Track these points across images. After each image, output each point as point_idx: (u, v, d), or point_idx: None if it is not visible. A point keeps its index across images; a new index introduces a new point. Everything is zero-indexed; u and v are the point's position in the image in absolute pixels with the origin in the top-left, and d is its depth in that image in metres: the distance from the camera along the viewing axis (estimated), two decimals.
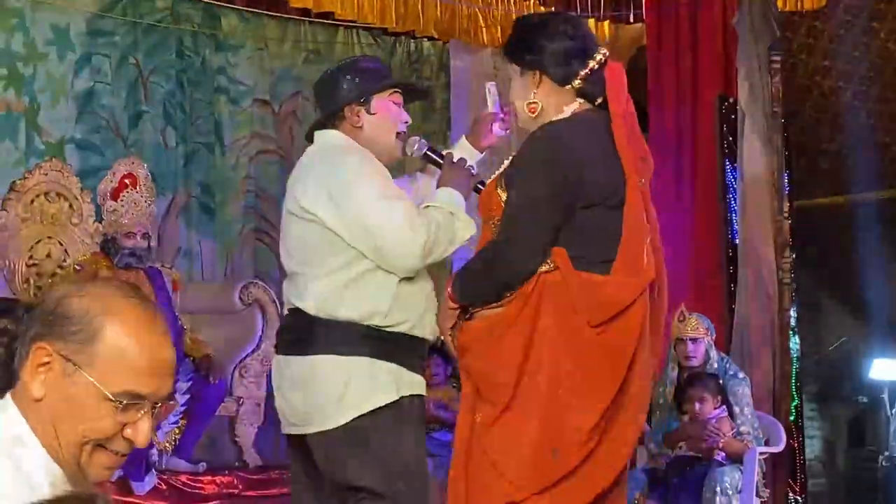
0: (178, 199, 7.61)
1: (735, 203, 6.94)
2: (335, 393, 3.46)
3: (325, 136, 3.72)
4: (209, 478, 6.12)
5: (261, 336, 6.73)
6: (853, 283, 9.04)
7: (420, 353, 3.63)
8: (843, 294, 9.67)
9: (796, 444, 6.74)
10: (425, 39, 8.44)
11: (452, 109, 8.09)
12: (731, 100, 7.00)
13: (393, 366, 3.50)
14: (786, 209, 6.70)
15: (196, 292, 6.83)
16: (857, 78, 8.16)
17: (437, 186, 3.64)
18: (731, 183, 7.02)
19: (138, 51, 7.53)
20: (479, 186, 3.59)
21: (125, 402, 1.94)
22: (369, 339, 3.48)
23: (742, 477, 5.53)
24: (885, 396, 9.56)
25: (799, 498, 6.69)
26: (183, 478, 5.97)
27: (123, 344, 1.95)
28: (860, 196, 8.95)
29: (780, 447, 5.99)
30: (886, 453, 9.20)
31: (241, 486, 6.21)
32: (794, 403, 6.73)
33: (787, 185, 6.82)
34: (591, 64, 3.34)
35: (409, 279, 3.51)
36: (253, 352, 6.70)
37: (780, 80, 6.73)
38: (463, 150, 3.88)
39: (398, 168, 4.71)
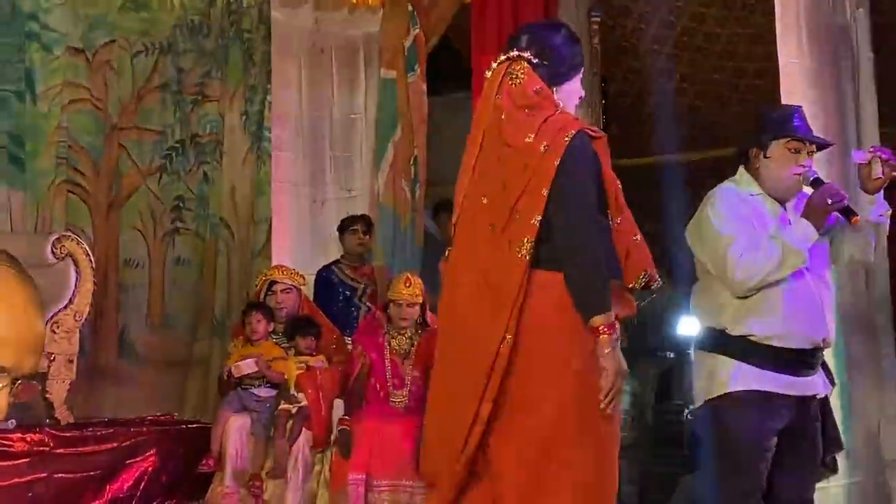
0: None
1: None
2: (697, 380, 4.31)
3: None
4: (19, 435, 5.92)
5: (74, 290, 6.55)
6: (661, 242, 9.28)
7: (766, 357, 4.14)
8: (650, 253, 9.91)
9: None
10: None
11: (273, 63, 7.97)
12: None
13: (734, 361, 4.13)
14: None
15: (5, 244, 6.59)
16: (671, 42, 8.35)
17: (802, 212, 4.15)
18: None
19: None
20: (851, 211, 4.14)
21: None
22: (718, 341, 4.19)
23: None
24: (692, 352, 9.88)
25: None
26: None
27: None
28: (669, 157, 9.18)
29: None
30: (692, 407, 9.52)
31: (52, 444, 6.04)
32: None
33: None
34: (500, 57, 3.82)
35: (759, 298, 4.10)
36: (66, 306, 6.51)
37: (599, 42, 6.84)
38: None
39: None
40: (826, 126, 5.26)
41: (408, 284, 6.29)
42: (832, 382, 4.38)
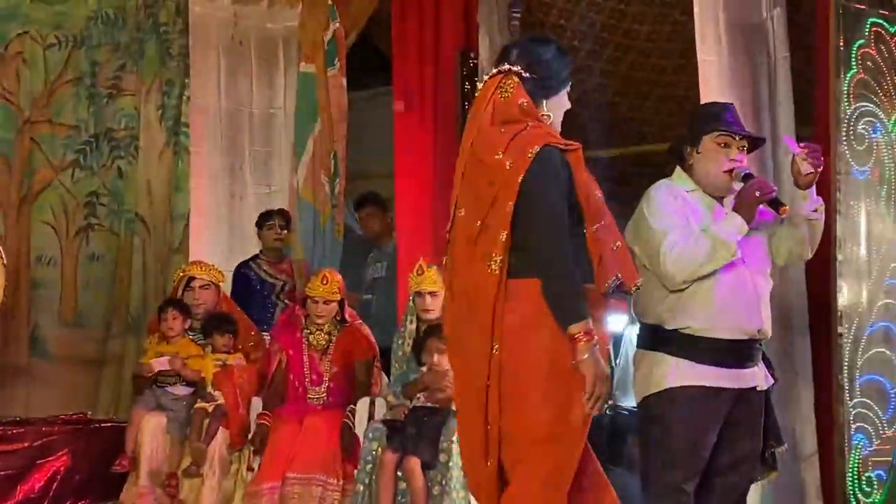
0: None
1: None
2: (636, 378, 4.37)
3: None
4: None
5: None
6: None
7: (701, 350, 4.19)
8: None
9: None
10: None
11: (191, 56, 7.85)
12: (472, 56, 7.06)
13: (671, 359, 4.19)
14: None
15: None
16: (591, 38, 8.37)
17: (733, 206, 4.23)
18: None
19: None
20: (779, 202, 4.20)
21: None
22: (656, 337, 4.27)
23: None
24: (610, 348, 9.93)
25: None
26: None
27: None
28: (590, 153, 9.19)
29: None
30: (611, 402, 9.58)
31: None
32: None
33: None
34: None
35: (693, 291, 4.17)
36: None
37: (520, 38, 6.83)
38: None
39: None
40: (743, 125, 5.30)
41: (324, 282, 6.26)
42: (774, 377, 4.43)
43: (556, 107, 3.87)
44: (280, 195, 7.86)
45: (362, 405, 6.18)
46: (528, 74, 3.78)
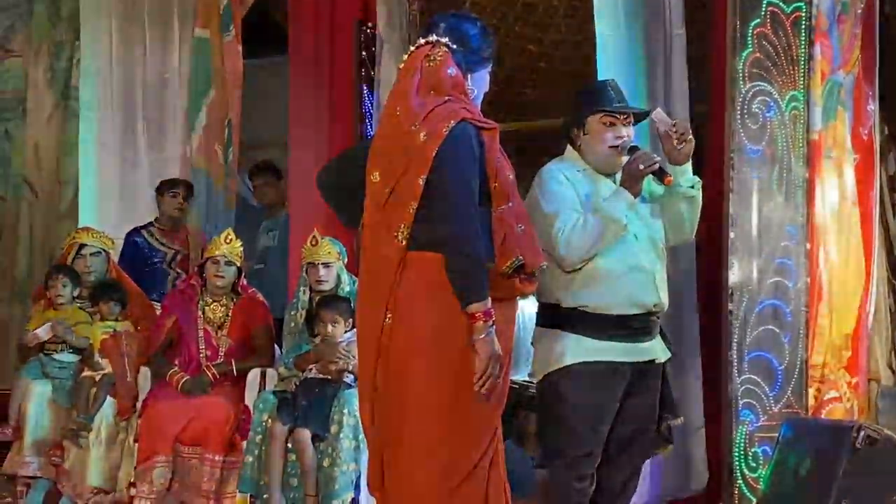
0: None
1: (371, 129, 6.98)
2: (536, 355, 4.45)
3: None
4: None
5: None
6: None
7: (599, 327, 4.27)
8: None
9: None
10: None
11: (82, 18, 7.66)
12: (370, 25, 7.01)
13: (570, 336, 4.27)
14: None
15: None
16: (489, 10, 8.35)
17: (620, 180, 4.32)
18: (369, 108, 7.06)
19: None
20: (663, 172, 4.27)
21: None
22: (553, 316, 4.33)
23: None
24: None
25: None
26: None
27: None
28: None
29: None
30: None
31: None
32: None
33: None
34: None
35: (586, 271, 4.26)
36: None
37: (419, 7, 6.80)
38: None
39: None
40: (638, 102, 5.34)
41: (228, 240, 6.13)
42: (671, 350, 4.52)
43: (478, 84, 3.88)
44: (172, 162, 7.73)
45: (253, 376, 6.12)
46: (455, 47, 3.79)
